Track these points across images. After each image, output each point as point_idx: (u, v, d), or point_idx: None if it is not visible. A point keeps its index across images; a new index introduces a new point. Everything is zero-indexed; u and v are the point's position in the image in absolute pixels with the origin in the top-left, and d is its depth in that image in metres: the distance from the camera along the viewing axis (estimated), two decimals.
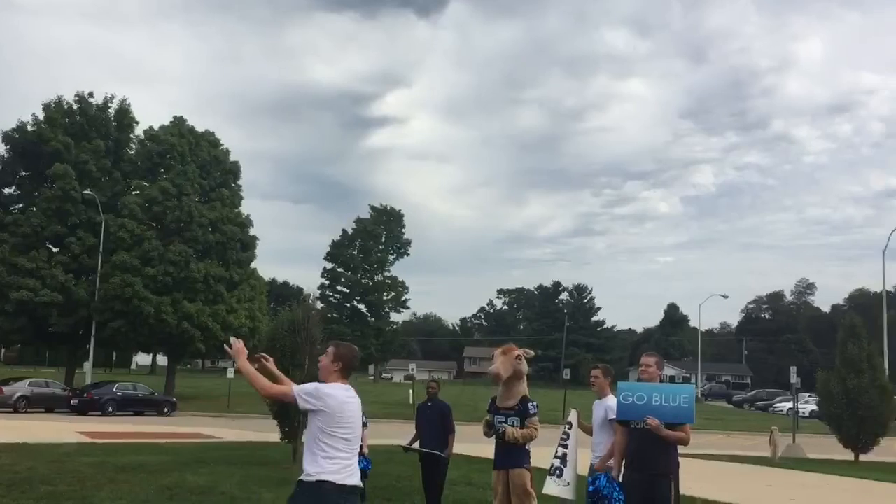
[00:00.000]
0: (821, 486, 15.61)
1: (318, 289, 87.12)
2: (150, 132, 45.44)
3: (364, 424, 10.91)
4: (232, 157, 47.37)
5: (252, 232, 46.47)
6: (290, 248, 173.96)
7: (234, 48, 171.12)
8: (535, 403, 6.67)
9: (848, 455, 22.28)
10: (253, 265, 47.01)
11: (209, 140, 46.33)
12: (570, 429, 6.80)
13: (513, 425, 6.55)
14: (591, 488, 6.09)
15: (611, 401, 6.84)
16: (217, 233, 43.61)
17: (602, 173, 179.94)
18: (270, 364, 4.99)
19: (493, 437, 6.76)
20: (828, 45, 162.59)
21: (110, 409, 32.91)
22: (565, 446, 6.59)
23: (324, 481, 4.43)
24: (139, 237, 41.65)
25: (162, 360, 71.20)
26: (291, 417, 15.16)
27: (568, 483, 6.42)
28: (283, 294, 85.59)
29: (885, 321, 43.77)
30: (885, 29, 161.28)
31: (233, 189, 46.64)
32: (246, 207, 47.69)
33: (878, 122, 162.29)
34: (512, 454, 6.62)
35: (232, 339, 4.95)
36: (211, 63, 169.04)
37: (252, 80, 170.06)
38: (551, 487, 6.40)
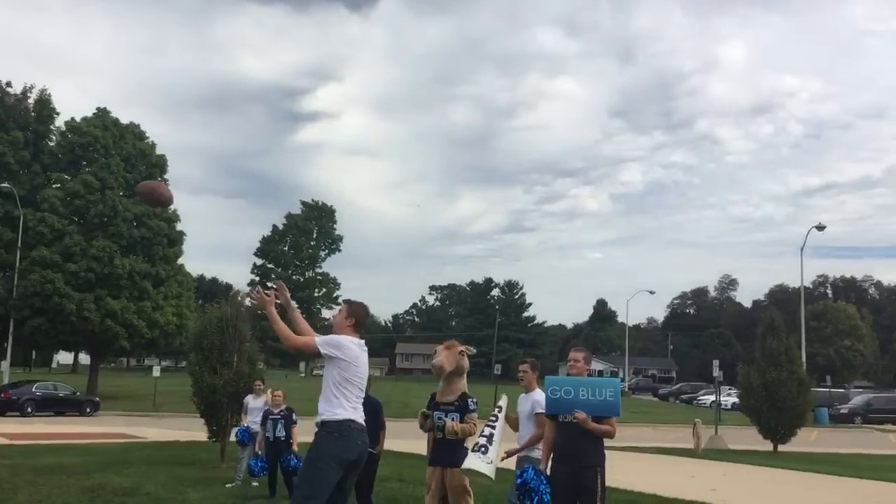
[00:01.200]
0: (741, 476, 16.11)
1: (248, 285, 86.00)
2: (71, 124, 43.98)
3: (293, 422, 10.87)
4: (158, 151, 46.31)
5: (179, 227, 45.53)
6: (219, 244, 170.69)
7: (160, 39, 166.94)
8: (474, 399, 6.72)
9: (767, 446, 22.99)
10: (180, 261, 46.05)
11: (134, 133, 45.14)
12: (499, 412, 6.91)
13: (452, 420, 6.57)
14: (518, 480, 6.18)
15: (538, 395, 6.94)
16: (142, 228, 42.60)
17: (533, 170, 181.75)
18: (285, 292, 5.38)
19: (430, 432, 6.76)
20: (750, 47, 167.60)
21: (29, 410, 31.88)
22: (493, 427, 6.68)
23: (350, 419, 5.05)
24: (60, 232, 40.35)
25: (84, 358, 69.05)
26: (219, 416, 14.91)
27: (491, 462, 6.50)
28: (212, 290, 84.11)
29: (803, 316, 45.58)
30: (804, 33, 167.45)
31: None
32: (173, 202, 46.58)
33: (797, 123, 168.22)
34: (450, 451, 6.59)
35: (254, 292, 5.37)
36: (136, 54, 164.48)
37: (179, 71, 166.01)
38: (474, 462, 6.45)
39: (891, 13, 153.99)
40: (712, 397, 44.52)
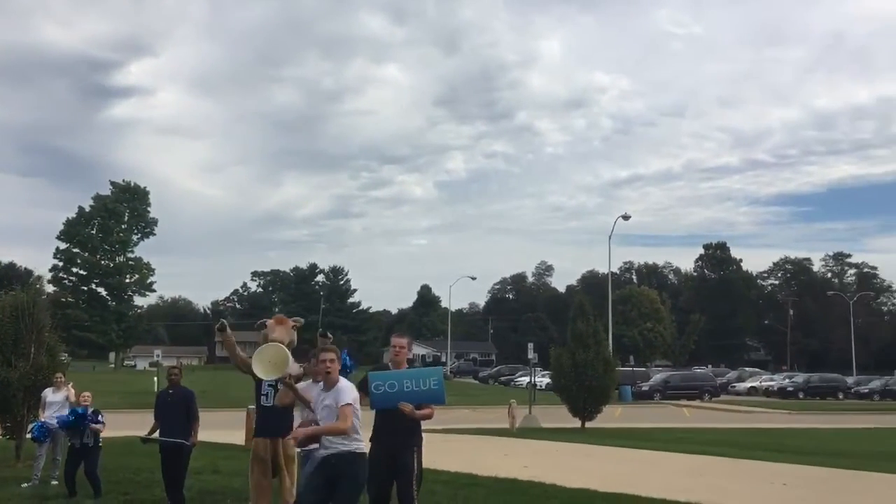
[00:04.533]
0: (551, 453, 16.93)
1: (51, 271, 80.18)
2: None
3: (100, 422, 10.22)
4: None
5: None
6: (16, 227, 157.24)
7: None
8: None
9: (576, 423, 24.26)
10: None
11: None
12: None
13: None
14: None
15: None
16: None
17: (359, 156, 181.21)
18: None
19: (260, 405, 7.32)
20: (566, 45, 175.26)
21: None
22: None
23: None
24: None
25: None
26: (14, 412, 13.78)
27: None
28: (9, 276, 77.39)
29: (610, 300, 48.64)
30: (615, 34, 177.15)
31: None
32: None
33: (607, 118, 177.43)
34: (280, 422, 7.00)
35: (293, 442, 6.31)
36: None
37: None
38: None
39: (691, 18, 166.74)
40: (528, 378, 46.47)
